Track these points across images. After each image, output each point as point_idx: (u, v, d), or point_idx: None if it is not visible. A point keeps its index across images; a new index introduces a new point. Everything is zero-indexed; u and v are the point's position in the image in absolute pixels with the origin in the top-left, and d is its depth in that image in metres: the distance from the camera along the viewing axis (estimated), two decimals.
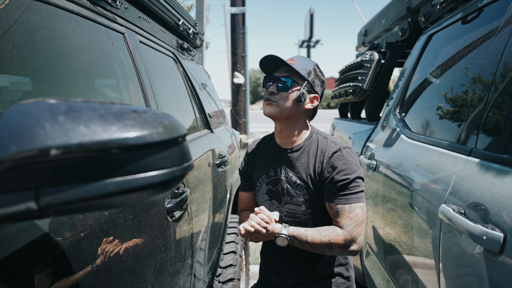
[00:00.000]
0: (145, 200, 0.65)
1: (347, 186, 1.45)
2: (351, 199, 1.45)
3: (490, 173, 1.14)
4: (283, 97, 1.52)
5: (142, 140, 0.61)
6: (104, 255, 0.93)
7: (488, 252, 1.00)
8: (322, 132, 1.63)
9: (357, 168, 1.47)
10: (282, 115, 1.53)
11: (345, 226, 1.43)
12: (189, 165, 0.70)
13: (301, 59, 1.58)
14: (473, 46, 1.60)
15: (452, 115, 1.68)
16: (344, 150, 1.50)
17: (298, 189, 1.56)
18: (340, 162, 1.47)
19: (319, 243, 1.43)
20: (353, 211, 1.44)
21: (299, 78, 1.53)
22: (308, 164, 1.54)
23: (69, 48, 1.13)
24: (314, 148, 1.56)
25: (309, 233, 1.45)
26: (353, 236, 1.42)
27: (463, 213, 1.16)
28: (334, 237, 1.43)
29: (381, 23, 3.49)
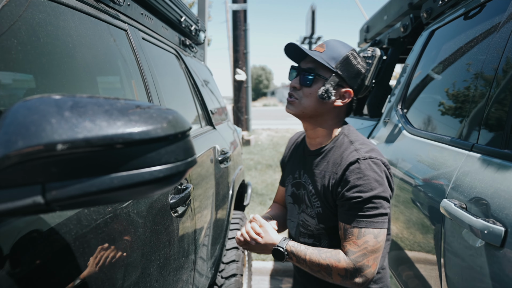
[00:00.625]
0: (149, 194, 0.66)
1: (360, 206, 1.19)
2: (362, 223, 1.18)
3: (491, 168, 1.15)
4: (306, 94, 1.30)
5: (146, 135, 0.62)
6: (108, 249, 0.94)
7: (489, 246, 1.01)
8: (353, 133, 1.36)
9: (376, 185, 1.18)
10: (304, 114, 1.32)
11: (350, 253, 1.18)
12: (193, 160, 0.71)
13: (334, 45, 1.32)
14: (475, 42, 1.60)
15: (454, 110, 1.68)
16: (364, 162, 1.21)
17: (312, 199, 1.36)
18: (355, 176, 1.20)
19: (317, 264, 1.22)
20: (362, 237, 1.17)
21: (325, 70, 1.29)
22: (324, 173, 1.32)
23: (72, 45, 1.14)
24: (336, 154, 1.32)
25: (308, 251, 1.25)
26: (358, 266, 1.16)
27: (465, 208, 1.17)
28: (334, 262, 1.19)
29: (383, 19, 3.48)
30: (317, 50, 1.32)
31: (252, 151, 10.42)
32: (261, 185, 7.07)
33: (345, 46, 1.32)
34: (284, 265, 3.93)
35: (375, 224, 1.18)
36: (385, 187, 1.20)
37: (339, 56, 1.29)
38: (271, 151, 10.63)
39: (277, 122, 17.81)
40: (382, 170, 1.22)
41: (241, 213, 3.13)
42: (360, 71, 1.33)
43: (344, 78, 1.29)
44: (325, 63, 1.27)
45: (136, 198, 0.68)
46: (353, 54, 1.31)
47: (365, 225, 1.18)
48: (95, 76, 1.31)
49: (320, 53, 1.30)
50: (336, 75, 1.28)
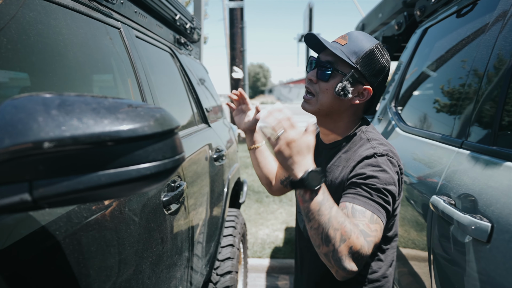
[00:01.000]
0: (137, 192, 0.67)
1: (375, 191, 1.07)
2: (372, 207, 1.06)
3: (479, 165, 1.16)
4: (322, 89, 1.21)
5: (133, 133, 0.63)
6: (99, 247, 0.95)
7: (476, 242, 1.02)
8: (371, 132, 1.25)
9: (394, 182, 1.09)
10: (321, 111, 1.24)
11: (364, 233, 1.02)
12: (181, 158, 0.71)
13: (357, 38, 1.21)
14: (466, 40, 1.61)
15: (445, 108, 1.69)
16: (381, 158, 1.11)
17: None
18: (370, 169, 1.10)
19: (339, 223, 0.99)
20: (374, 224, 1.04)
21: (344, 65, 1.19)
22: (334, 168, 1.23)
23: (64, 43, 1.14)
24: (350, 150, 1.23)
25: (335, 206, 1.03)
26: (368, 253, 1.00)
27: (454, 204, 1.18)
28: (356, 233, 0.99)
29: (378, 17, 3.49)
30: (339, 41, 1.22)
31: None
32: (257, 182, 7.08)
33: (369, 40, 1.21)
34: (281, 262, 3.94)
35: (382, 215, 1.06)
36: (397, 188, 1.10)
37: (361, 51, 1.18)
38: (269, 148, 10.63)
39: None
40: (397, 171, 1.12)
41: (237, 211, 3.14)
42: (384, 68, 1.22)
43: (364, 74, 1.19)
44: (345, 58, 1.17)
45: (124, 196, 0.69)
46: (378, 48, 1.20)
47: (376, 212, 1.05)
48: (87, 74, 1.32)
49: (341, 45, 1.20)
50: (355, 71, 1.18)
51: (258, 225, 4.97)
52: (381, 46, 1.23)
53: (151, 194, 1.32)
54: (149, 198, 1.29)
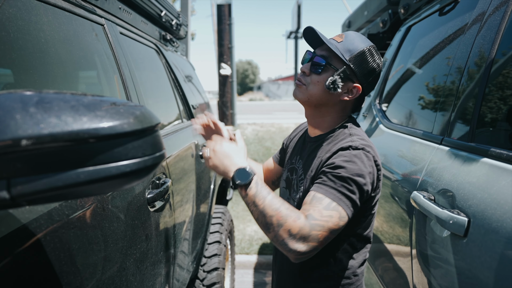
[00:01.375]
0: (117, 189, 0.67)
1: (337, 180, 1.11)
2: (332, 195, 1.09)
3: (458, 161, 1.19)
4: (314, 81, 1.26)
5: (112, 130, 0.63)
6: (81, 244, 0.95)
7: (454, 236, 1.05)
8: (355, 129, 1.29)
9: (363, 174, 1.11)
10: (309, 101, 1.28)
11: (310, 217, 1.07)
12: (161, 155, 0.72)
13: (353, 37, 1.27)
14: (447, 38, 1.64)
15: (427, 105, 1.72)
16: (355, 151, 1.14)
17: (299, 183, 1.31)
18: (341, 158, 1.13)
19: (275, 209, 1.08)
20: (329, 210, 1.08)
21: (338, 61, 1.24)
22: (315, 160, 1.26)
23: (45, 40, 1.14)
24: (331, 143, 1.26)
25: (272, 194, 1.13)
26: (311, 234, 1.05)
27: (433, 200, 1.20)
28: (293, 217, 1.07)
29: (363, 15, 3.52)
30: (335, 39, 1.28)
31: None
32: None
33: (363, 41, 1.27)
34: (268, 259, 3.97)
35: (345, 206, 1.09)
36: (367, 181, 1.12)
37: (355, 50, 1.23)
38: (256, 145, 10.65)
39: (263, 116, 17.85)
40: (371, 165, 1.14)
41: (224, 208, 3.15)
42: (373, 70, 1.27)
43: (355, 72, 1.24)
44: (339, 54, 1.22)
45: (104, 193, 0.69)
46: (370, 50, 1.25)
47: (335, 199, 1.09)
48: (69, 71, 1.31)
49: (337, 42, 1.25)
50: (347, 67, 1.23)
51: (246, 222, 4.99)
52: (375, 48, 1.28)
53: (136, 191, 1.32)
54: (133, 195, 1.29)
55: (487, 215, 0.93)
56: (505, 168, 0.97)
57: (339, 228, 1.09)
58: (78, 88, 1.37)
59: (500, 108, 1.18)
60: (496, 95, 1.19)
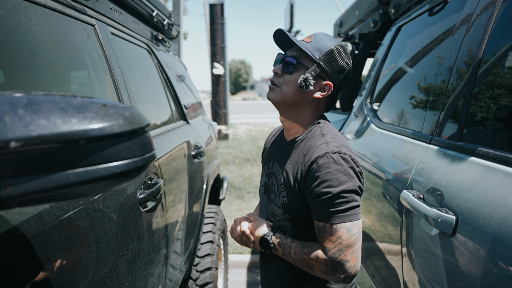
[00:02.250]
0: (107, 190, 0.67)
1: (330, 201, 1.16)
2: (335, 218, 1.15)
3: (446, 160, 1.20)
4: (286, 81, 1.29)
5: (102, 132, 0.63)
6: (72, 246, 0.95)
7: (442, 234, 1.06)
8: (327, 127, 1.33)
9: (345, 178, 1.15)
10: (283, 102, 1.31)
11: (327, 249, 1.17)
12: (151, 156, 0.72)
13: (322, 38, 1.31)
14: (436, 38, 1.66)
15: (417, 104, 1.74)
16: (332, 156, 1.18)
17: (280, 188, 1.34)
18: (323, 171, 1.17)
19: (300, 259, 1.23)
20: (335, 233, 1.15)
21: (308, 60, 1.28)
22: (294, 164, 1.30)
23: (34, 41, 1.13)
24: (306, 146, 1.29)
25: (294, 245, 1.26)
26: (336, 262, 1.15)
27: (422, 198, 1.22)
28: (314, 258, 1.19)
29: (355, 15, 3.54)
30: (305, 40, 1.32)
31: (230, 145, 10.43)
32: (239, 179, 7.10)
33: (332, 40, 1.31)
34: None
35: (347, 217, 1.15)
36: (354, 181, 1.17)
37: (324, 48, 1.27)
38: (249, 145, 10.67)
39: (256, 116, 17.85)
40: (350, 166, 1.18)
41: (217, 207, 3.15)
42: (343, 67, 1.31)
43: (326, 70, 1.28)
44: (308, 53, 1.26)
45: (94, 194, 0.69)
46: (338, 49, 1.29)
47: (337, 221, 1.15)
48: (60, 72, 1.30)
49: (306, 43, 1.30)
50: (318, 65, 1.27)
51: None
52: (343, 48, 1.32)
53: (127, 191, 1.32)
54: (125, 195, 1.29)
55: (475, 214, 0.95)
56: (492, 167, 0.99)
57: (356, 236, 1.16)
58: (69, 89, 1.36)
59: (488, 108, 1.20)
60: (484, 94, 1.21)
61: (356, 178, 1.18)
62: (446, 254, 1.04)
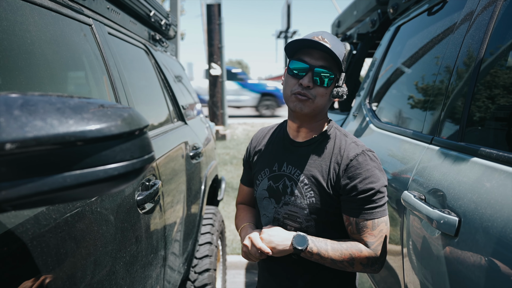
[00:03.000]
0: (105, 193, 0.66)
1: (372, 198, 1.21)
2: (377, 213, 1.21)
3: (448, 160, 1.19)
4: (321, 93, 1.23)
5: (100, 133, 0.62)
6: (69, 249, 0.93)
7: (445, 236, 1.05)
8: (340, 128, 1.37)
9: (382, 175, 1.23)
10: (314, 112, 1.27)
11: (369, 244, 1.22)
12: (150, 157, 0.71)
13: (334, 40, 1.24)
14: (436, 37, 1.65)
15: (417, 104, 1.73)
16: (369, 154, 1.24)
17: (304, 189, 1.30)
18: (364, 168, 1.21)
19: (339, 255, 1.22)
20: (377, 227, 1.22)
21: (337, 68, 1.24)
22: (321, 163, 1.28)
23: (31, 40, 1.11)
24: (331, 145, 1.29)
25: (329, 244, 1.24)
26: (380, 254, 1.22)
27: (424, 199, 1.21)
28: (356, 252, 1.21)
29: (353, 14, 3.53)
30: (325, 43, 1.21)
31: (228, 146, 10.41)
32: (236, 179, 7.08)
33: (340, 41, 1.28)
34: None
35: (385, 211, 1.23)
36: (385, 176, 1.26)
37: (341, 53, 1.24)
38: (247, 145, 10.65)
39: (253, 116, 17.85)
40: (380, 162, 1.27)
41: (215, 208, 3.14)
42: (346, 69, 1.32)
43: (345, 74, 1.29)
44: (341, 63, 1.22)
45: (92, 196, 0.68)
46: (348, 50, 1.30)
47: (379, 215, 1.22)
48: (56, 73, 1.28)
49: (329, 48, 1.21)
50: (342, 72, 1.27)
51: None
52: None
53: (125, 193, 1.30)
54: (122, 197, 1.27)
55: (478, 215, 0.94)
56: (495, 168, 0.98)
57: (388, 225, 1.27)
58: (66, 89, 1.34)
59: (489, 107, 1.19)
60: (485, 94, 1.20)
61: (385, 174, 1.27)
62: (448, 256, 1.03)
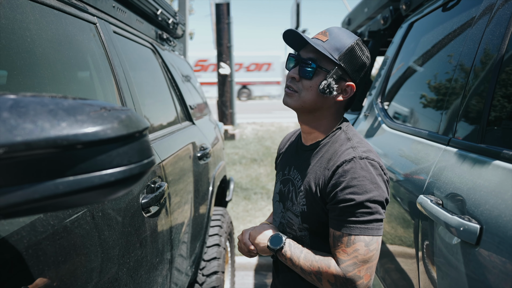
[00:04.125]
0: (102, 200, 0.62)
1: (351, 210, 1.07)
2: (355, 229, 1.07)
3: (467, 163, 1.13)
4: (306, 87, 1.18)
5: (95, 136, 0.58)
6: (68, 256, 0.89)
7: (465, 244, 0.99)
8: (351, 130, 1.25)
9: (372, 187, 1.07)
10: (303, 108, 1.21)
11: (340, 261, 1.09)
12: (150, 162, 0.66)
13: (338, 34, 1.18)
14: (452, 34, 1.58)
15: (431, 103, 1.67)
16: (360, 162, 1.10)
17: (299, 195, 1.24)
18: (349, 176, 1.08)
19: (309, 265, 1.14)
20: (352, 245, 1.07)
21: (327, 62, 1.16)
22: (316, 169, 1.21)
23: (31, 39, 1.08)
24: (330, 150, 1.20)
25: (304, 250, 1.18)
26: (348, 276, 1.07)
27: (441, 204, 1.15)
28: (325, 267, 1.11)
29: (363, 12, 3.46)
30: (319, 38, 1.19)
31: (237, 146, 10.38)
32: (245, 179, 7.05)
33: (349, 36, 1.19)
34: (269, 260, 3.91)
35: (368, 230, 1.06)
36: (381, 191, 1.08)
37: (343, 47, 1.16)
38: (256, 145, 10.61)
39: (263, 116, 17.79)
40: (379, 173, 1.10)
41: (223, 209, 3.09)
42: (365, 64, 1.20)
43: (347, 71, 1.17)
44: (328, 55, 1.14)
45: (87, 204, 0.64)
46: (358, 44, 1.18)
47: (357, 232, 1.07)
48: (58, 73, 1.25)
49: (322, 42, 1.17)
50: (339, 67, 1.16)
51: (246, 223, 4.93)
52: (361, 41, 1.21)
53: (129, 197, 1.26)
54: (126, 201, 1.23)
55: (502, 222, 0.87)
56: None
57: (374, 253, 1.08)
58: (68, 89, 1.30)
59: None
60: (507, 92, 1.13)
61: (384, 188, 1.10)
62: (469, 266, 0.97)
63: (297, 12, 16.43)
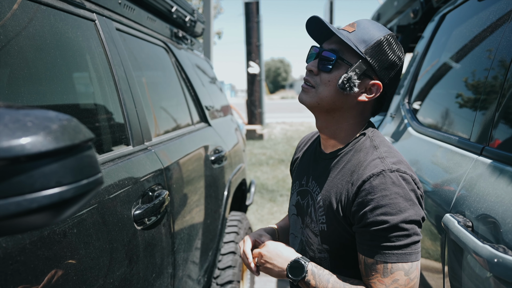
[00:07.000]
0: (22, 232, 0.50)
1: (385, 234, 0.93)
2: (391, 256, 0.93)
3: (503, 178, 0.94)
4: (324, 81, 1.05)
5: (7, 153, 0.45)
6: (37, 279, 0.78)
7: (499, 281, 0.81)
8: (378, 137, 1.09)
9: (406, 205, 0.93)
10: (320, 106, 1.07)
11: None
12: (92, 182, 0.54)
13: (367, 26, 1.05)
14: (489, 26, 1.38)
15: (463, 105, 1.47)
16: (390, 175, 0.96)
17: (319, 212, 1.10)
18: (378, 194, 0.94)
19: None
20: (390, 274, 0.94)
21: (351, 54, 1.03)
22: (337, 182, 1.06)
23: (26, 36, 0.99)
24: (353, 160, 1.06)
25: (332, 278, 1.02)
26: None
27: (471, 227, 0.96)
28: None
29: (393, 5, 3.26)
30: (346, 29, 1.07)
31: (265, 146, 10.25)
32: (272, 181, 6.90)
33: (380, 29, 1.06)
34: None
35: (407, 256, 0.93)
36: (417, 208, 0.95)
37: (371, 40, 1.03)
38: (284, 145, 10.44)
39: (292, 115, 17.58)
40: (412, 188, 0.96)
41: (241, 214, 2.96)
42: (394, 63, 1.05)
43: (373, 67, 1.03)
44: (352, 45, 1.01)
45: (12, 234, 0.52)
46: (388, 39, 1.04)
47: (394, 260, 0.93)
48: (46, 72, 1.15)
49: (348, 33, 1.05)
50: (363, 61, 1.02)
51: None
52: (394, 37, 1.07)
53: (116, 208, 1.15)
54: (111, 213, 1.12)
55: None
56: None
57: (415, 281, 0.96)
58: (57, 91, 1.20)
59: None
60: None
61: (419, 205, 0.96)
62: None
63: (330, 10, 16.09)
